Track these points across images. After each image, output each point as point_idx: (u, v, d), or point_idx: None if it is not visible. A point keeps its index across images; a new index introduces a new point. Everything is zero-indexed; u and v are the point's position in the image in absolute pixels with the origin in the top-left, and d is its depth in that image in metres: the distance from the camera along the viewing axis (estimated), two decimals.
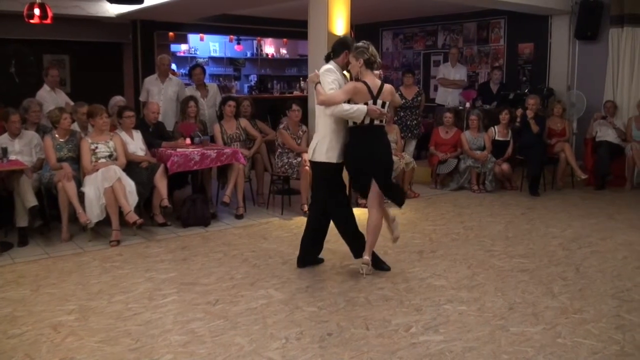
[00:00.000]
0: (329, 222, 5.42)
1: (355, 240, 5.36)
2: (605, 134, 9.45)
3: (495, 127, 9.35)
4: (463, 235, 6.67)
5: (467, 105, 10.23)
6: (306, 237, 5.47)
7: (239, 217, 7.38)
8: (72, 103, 7.97)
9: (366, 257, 5.19)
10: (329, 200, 5.29)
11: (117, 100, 8.09)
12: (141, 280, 5.18)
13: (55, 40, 12.31)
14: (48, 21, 8.98)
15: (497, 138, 9.27)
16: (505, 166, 9.09)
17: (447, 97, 11.00)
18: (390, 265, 5.44)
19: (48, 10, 8.87)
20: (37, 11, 8.78)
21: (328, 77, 5.10)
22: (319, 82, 5.14)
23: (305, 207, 7.40)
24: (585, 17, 10.34)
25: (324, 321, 4.29)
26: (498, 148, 9.20)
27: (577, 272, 5.38)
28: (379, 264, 5.36)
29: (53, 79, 8.24)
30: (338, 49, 5.28)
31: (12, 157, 6.45)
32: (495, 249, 6.10)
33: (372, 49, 5.21)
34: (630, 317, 4.38)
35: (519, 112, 9.21)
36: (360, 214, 5.82)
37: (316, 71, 5.25)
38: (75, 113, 7.25)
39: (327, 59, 5.31)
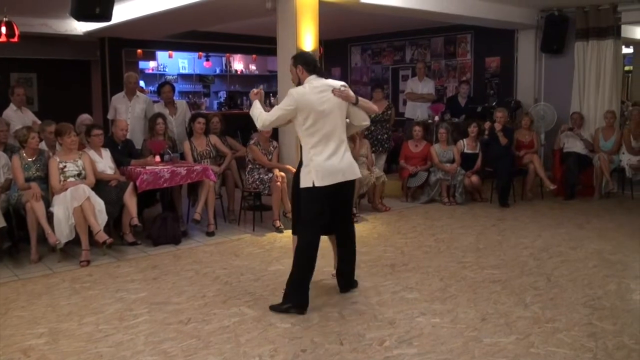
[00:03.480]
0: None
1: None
2: (573, 145, 9.60)
3: (464, 139, 9.44)
4: (435, 247, 6.70)
5: (436, 118, 10.31)
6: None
7: (210, 234, 7.33)
8: (39, 122, 7.87)
9: None
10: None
11: (84, 118, 8.02)
12: (112, 300, 5.11)
13: (22, 59, 12.20)
14: (15, 39, 8.90)
15: (466, 151, 9.35)
16: (474, 178, 9.16)
17: (416, 110, 11.08)
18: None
19: (15, 28, 8.79)
20: (3, 29, 8.72)
21: None
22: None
23: (278, 223, 7.39)
24: (550, 31, 10.54)
25: (297, 337, 4.27)
26: (467, 160, 9.28)
27: (549, 282, 5.43)
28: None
29: (19, 98, 8.13)
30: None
31: None
32: (467, 261, 6.13)
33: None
34: (602, 324, 4.42)
35: (487, 124, 9.32)
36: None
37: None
38: (43, 132, 7.16)
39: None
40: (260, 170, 7.68)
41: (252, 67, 15.89)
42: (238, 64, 15.79)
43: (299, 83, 4.91)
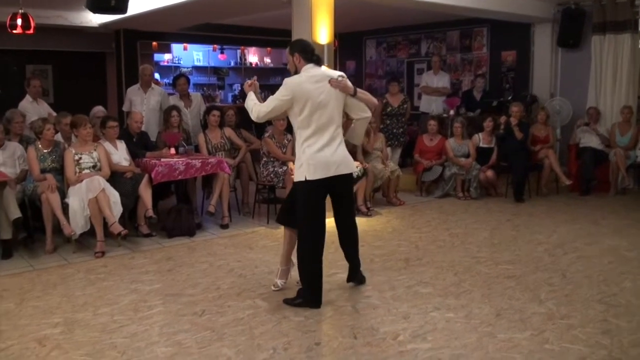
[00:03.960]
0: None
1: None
2: (589, 140, 9.52)
3: (480, 134, 9.39)
4: (449, 242, 6.68)
5: (451, 112, 10.27)
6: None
7: (225, 226, 7.34)
8: (54, 114, 7.92)
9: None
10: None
11: (97, 110, 8.05)
12: (126, 291, 5.14)
13: (38, 51, 12.25)
14: (31, 31, 8.94)
15: (481, 145, 9.31)
16: (489, 173, 9.12)
17: (431, 104, 11.04)
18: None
19: (31, 20, 8.83)
20: (19, 21, 8.74)
21: None
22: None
23: None
24: (567, 24, 10.45)
25: (311, 330, 4.27)
26: (482, 155, 9.24)
27: (564, 278, 5.40)
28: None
29: (35, 90, 8.18)
30: None
31: None
32: (482, 256, 6.11)
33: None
34: (617, 321, 4.39)
35: (503, 119, 9.27)
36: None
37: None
38: (58, 124, 7.21)
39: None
40: (274, 163, 7.68)
41: (267, 60, 15.88)
42: (253, 57, 15.78)
43: (296, 72, 4.77)
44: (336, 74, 4.82)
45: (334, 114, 4.69)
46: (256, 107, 4.74)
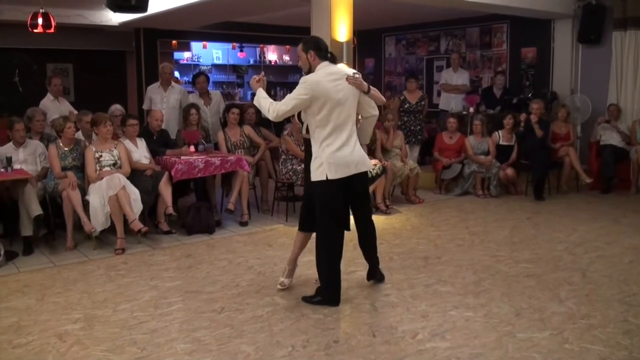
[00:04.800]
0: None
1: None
2: (610, 137, 9.43)
3: (499, 131, 9.34)
4: (468, 240, 6.65)
5: (471, 110, 10.22)
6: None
7: (244, 224, 7.37)
8: (75, 112, 7.98)
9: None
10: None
11: (115, 109, 8.09)
12: (146, 288, 5.18)
13: (58, 49, 12.37)
14: (51, 30, 9.03)
15: (501, 143, 9.26)
16: (509, 171, 9.06)
17: (450, 102, 11.00)
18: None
19: (51, 19, 8.91)
20: (40, 20, 8.83)
21: None
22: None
23: None
24: (588, 20, 10.34)
25: (330, 328, 4.27)
26: (502, 153, 9.19)
27: (584, 277, 5.36)
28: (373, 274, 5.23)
29: (56, 88, 8.24)
30: None
31: (17, 166, 6.46)
32: (501, 254, 6.08)
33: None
34: (638, 322, 4.35)
35: (523, 116, 9.21)
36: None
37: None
38: (79, 122, 7.27)
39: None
40: (293, 161, 7.69)
41: (286, 58, 15.90)
42: (272, 55, 15.82)
43: (309, 70, 4.70)
44: (351, 71, 4.80)
45: (351, 111, 4.68)
46: (274, 106, 4.60)
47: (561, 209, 8.24)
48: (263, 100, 4.70)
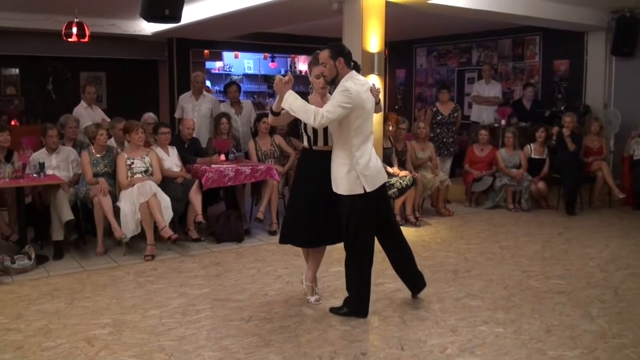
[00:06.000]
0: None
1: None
2: None
3: (531, 144, 9.24)
4: (499, 254, 6.58)
5: (502, 122, 10.13)
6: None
7: (272, 233, 7.37)
8: (108, 119, 8.08)
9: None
10: None
11: (147, 117, 8.16)
12: (175, 295, 5.20)
13: (92, 58, 12.51)
14: (85, 40, 9.13)
15: (532, 156, 9.16)
16: (541, 185, 8.96)
17: (482, 114, 10.90)
18: (425, 284, 5.37)
19: (86, 29, 9.02)
20: (75, 30, 8.94)
21: None
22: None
23: None
24: (621, 33, 10.20)
25: (357, 340, 4.25)
26: (534, 166, 9.09)
27: (616, 295, 5.26)
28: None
29: (90, 96, 8.34)
30: None
31: (49, 172, 6.55)
32: (532, 270, 5.99)
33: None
34: None
35: (555, 129, 9.10)
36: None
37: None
38: (112, 129, 7.34)
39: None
40: None
41: None
42: (302, 65, 15.84)
43: (335, 78, 4.63)
44: (370, 82, 4.79)
45: (373, 122, 4.70)
46: (320, 112, 4.35)
47: (593, 224, 8.11)
48: (304, 105, 4.44)
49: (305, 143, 4.79)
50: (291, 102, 4.44)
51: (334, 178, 4.61)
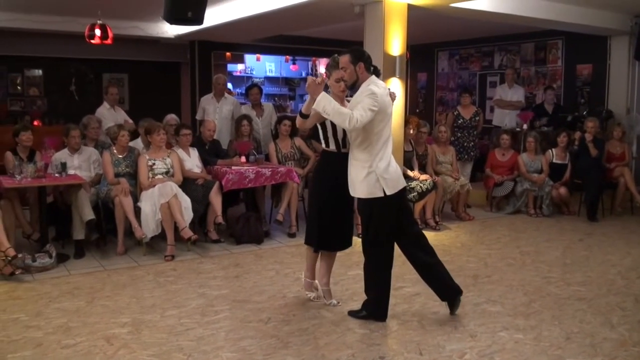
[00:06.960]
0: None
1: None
2: None
3: (553, 149, 9.17)
4: (519, 260, 6.53)
5: (525, 127, 10.06)
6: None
7: (292, 235, 7.38)
8: (130, 120, 8.15)
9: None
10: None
11: (169, 118, 8.21)
12: (194, 295, 5.22)
13: (114, 60, 12.63)
14: (108, 42, 9.22)
15: (554, 161, 9.09)
16: (562, 190, 8.88)
17: (504, 118, 10.83)
18: (455, 297, 5.27)
19: (109, 31, 9.11)
20: (98, 32, 9.04)
21: None
22: None
23: (359, 228, 7.35)
24: None
25: (376, 344, 4.23)
26: (555, 171, 9.02)
27: (637, 303, 5.19)
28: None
29: (112, 97, 8.42)
30: None
31: (71, 171, 6.62)
32: (553, 276, 5.94)
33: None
34: None
35: (578, 134, 9.03)
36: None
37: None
38: (141, 129, 7.45)
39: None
40: None
41: None
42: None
43: (355, 83, 4.60)
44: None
45: (392, 126, 4.69)
46: (355, 115, 4.26)
47: (615, 231, 8.02)
48: (338, 108, 4.31)
49: (333, 146, 4.76)
50: (325, 105, 4.32)
51: (351, 181, 4.61)
